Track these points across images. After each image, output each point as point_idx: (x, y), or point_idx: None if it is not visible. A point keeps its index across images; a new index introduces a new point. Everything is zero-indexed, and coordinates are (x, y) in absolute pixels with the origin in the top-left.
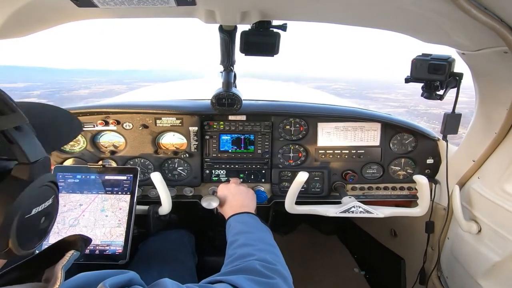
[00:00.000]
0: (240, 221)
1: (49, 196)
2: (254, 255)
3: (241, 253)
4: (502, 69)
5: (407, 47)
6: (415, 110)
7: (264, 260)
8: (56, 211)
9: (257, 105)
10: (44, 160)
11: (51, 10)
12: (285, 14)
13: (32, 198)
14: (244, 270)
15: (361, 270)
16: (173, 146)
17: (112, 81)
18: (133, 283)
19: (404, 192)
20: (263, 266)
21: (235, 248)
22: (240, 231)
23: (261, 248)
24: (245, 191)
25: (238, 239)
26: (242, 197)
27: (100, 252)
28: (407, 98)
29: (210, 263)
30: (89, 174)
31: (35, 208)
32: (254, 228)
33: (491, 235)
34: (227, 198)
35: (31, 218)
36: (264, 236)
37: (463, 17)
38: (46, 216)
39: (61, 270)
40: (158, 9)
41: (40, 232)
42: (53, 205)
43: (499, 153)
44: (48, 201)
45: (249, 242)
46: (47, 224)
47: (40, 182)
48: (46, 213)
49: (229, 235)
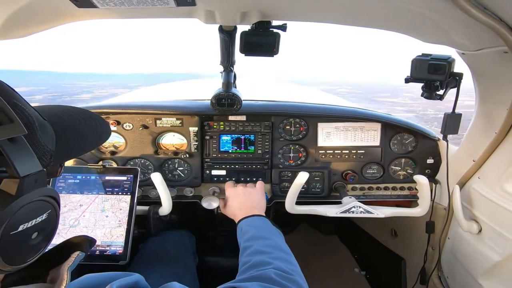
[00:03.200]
0: (252, 224)
1: (43, 211)
2: (270, 263)
3: (256, 260)
4: (502, 69)
5: (412, 49)
6: (424, 114)
7: (280, 269)
8: (54, 225)
9: (257, 105)
10: (38, 174)
11: (51, 11)
12: (285, 14)
13: (20, 214)
14: (259, 278)
15: (362, 270)
16: (173, 147)
17: (116, 84)
18: (139, 285)
19: (404, 192)
20: (279, 275)
21: (249, 255)
22: (254, 236)
23: (277, 256)
24: (254, 191)
25: (252, 245)
26: (252, 198)
27: (101, 253)
28: (414, 102)
29: (210, 264)
30: (90, 174)
31: (23, 225)
32: (268, 233)
33: (491, 235)
34: (236, 200)
35: (18, 234)
36: (278, 242)
37: (463, 17)
38: (39, 232)
39: (67, 271)
40: (158, 9)
41: (31, 247)
42: (48, 221)
43: (500, 153)
44: (40, 216)
45: (264, 249)
46: (40, 239)
47: (31, 197)
48: (38, 228)
49: (241, 240)
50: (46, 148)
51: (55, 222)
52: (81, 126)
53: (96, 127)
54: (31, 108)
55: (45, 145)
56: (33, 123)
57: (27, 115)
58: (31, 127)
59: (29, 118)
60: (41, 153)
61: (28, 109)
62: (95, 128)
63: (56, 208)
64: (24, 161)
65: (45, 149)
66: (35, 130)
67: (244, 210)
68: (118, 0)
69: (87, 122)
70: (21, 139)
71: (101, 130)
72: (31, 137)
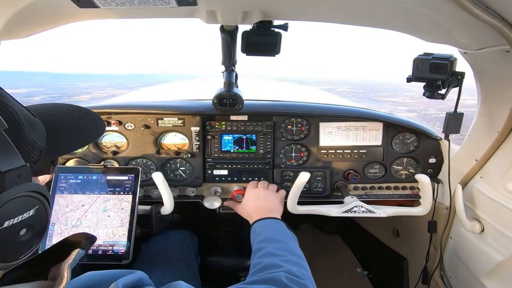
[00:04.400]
0: (266, 226)
1: (30, 207)
2: (282, 266)
3: (268, 263)
4: (504, 68)
5: (413, 48)
6: (426, 114)
7: (291, 272)
8: (44, 222)
9: (259, 105)
10: (21, 169)
11: (53, 11)
12: (287, 14)
13: (4, 210)
14: (269, 281)
15: (364, 270)
16: (175, 146)
17: (115, 85)
18: (143, 282)
19: (406, 191)
20: (290, 279)
21: (261, 256)
22: (267, 239)
23: (289, 260)
24: (274, 196)
25: (264, 247)
26: (270, 202)
27: (103, 252)
28: (415, 101)
29: (213, 264)
30: (91, 174)
31: (8, 221)
32: (281, 235)
33: (494, 235)
34: (255, 203)
35: (4, 230)
36: (291, 245)
37: (465, 16)
38: (28, 228)
39: (67, 269)
40: (159, 9)
41: (21, 244)
42: (36, 217)
43: (502, 152)
44: (27, 212)
45: (276, 251)
46: (30, 236)
47: (14, 192)
48: (26, 225)
49: (254, 241)
50: (35, 144)
51: (46, 219)
52: (74, 123)
53: (90, 124)
54: (19, 105)
55: (33, 142)
56: (18, 119)
57: (11, 111)
58: (16, 123)
59: (13, 114)
60: (29, 149)
61: (13, 105)
62: (89, 124)
63: (45, 204)
64: (5, 156)
65: (34, 146)
66: (21, 126)
67: (260, 212)
68: (119, 0)
69: (81, 119)
70: (2, 134)
71: (95, 127)
72: (16, 133)
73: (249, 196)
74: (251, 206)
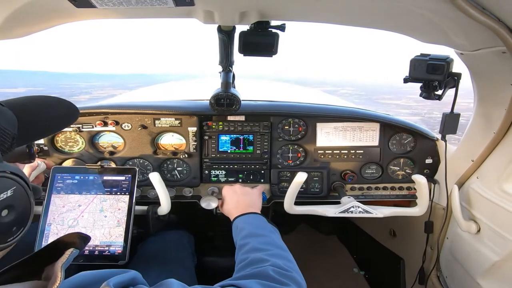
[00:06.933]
0: (247, 222)
1: (5, 188)
2: (268, 260)
3: (254, 258)
4: (500, 69)
5: (413, 49)
6: (430, 118)
7: (278, 266)
8: (25, 202)
9: (256, 105)
10: None
11: (50, 11)
12: (284, 14)
13: None
14: (257, 276)
15: (361, 270)
16: (172, 147)
17: (115, 85)
18: (136, 282)
19: (403, 192)
20: (277, 272)
21: (246, 252)
22: (250, 234)
23: (274, 253)
24: (251, 191)
25: (248, 242)
26: (248, 197)
27: (100, 253)
28: (418, 104)
29: (209, 264)
30: (88, 174)
31: None
32: (264, 230)
33: (490, 235)
34: (232, 198)
35: None
36: (274, 239)
37: (462, 17)
38: (10, 209)
39: (61, 269)
40: (157, 9)
41: (5, 225)
42: (15, 198)
43: (498, 153)
44: (4, 193)
45: (261, 246)
46: (13, 217)
47: None
48: (6, 205)
49: (237, 237)
50: (6, 130)
51: (26, 199)
52: (45, 111)
53: (61, 110)
54: None
55: (4, 128)
56: None
57: None
58: None
59: None
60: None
61: None
62: (61, 111)
63: (23, 185)
64: None
65: (5, 132)
66: None
67: (240, 209)
68: (116, 0)
69: (52, 106)
70: None
71: (68, 114)
72: None
73: (227, 192)
74: (230, 203)
